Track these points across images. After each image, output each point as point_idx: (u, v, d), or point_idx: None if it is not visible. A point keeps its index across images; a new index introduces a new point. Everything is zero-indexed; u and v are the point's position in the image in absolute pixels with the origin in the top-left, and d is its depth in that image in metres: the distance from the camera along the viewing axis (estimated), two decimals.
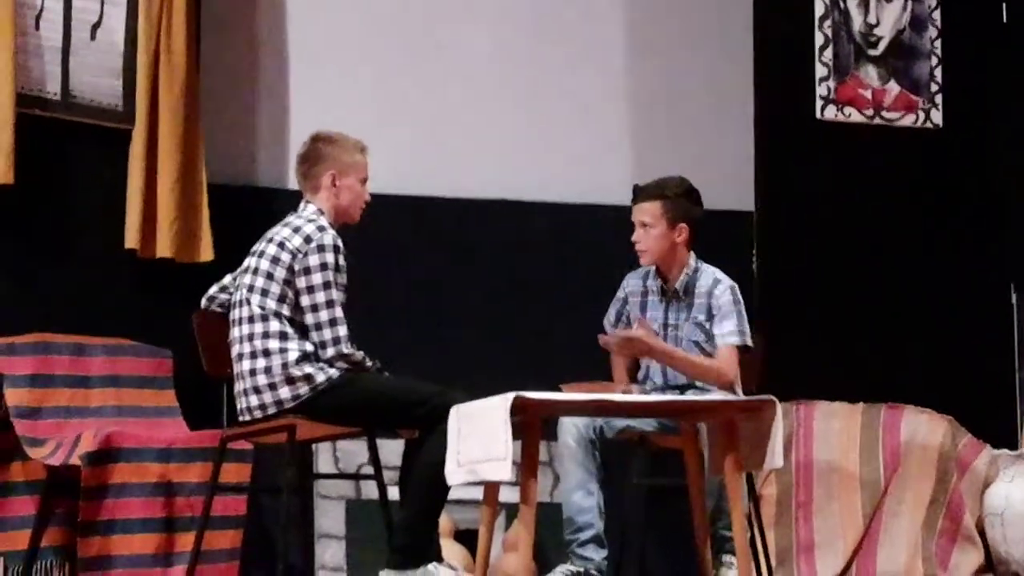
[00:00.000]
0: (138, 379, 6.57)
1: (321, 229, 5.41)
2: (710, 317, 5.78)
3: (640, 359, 5.90)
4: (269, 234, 5.50)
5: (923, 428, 6.91)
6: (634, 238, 5.85)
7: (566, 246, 7.21)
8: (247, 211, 6.92)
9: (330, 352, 5.34)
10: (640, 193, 5.87)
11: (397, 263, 7.15)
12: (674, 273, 5.86)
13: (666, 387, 5.81)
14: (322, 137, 5.63)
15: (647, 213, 5.82)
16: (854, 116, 7.50)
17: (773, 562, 6.25)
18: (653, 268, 5.90)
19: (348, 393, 5.33)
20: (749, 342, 5.79)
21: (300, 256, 5.37)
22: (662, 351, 5.71)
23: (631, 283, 5.94)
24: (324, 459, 6.95)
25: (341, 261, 5.39)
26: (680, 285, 5.85)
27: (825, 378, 7.05)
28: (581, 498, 5.69)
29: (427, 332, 7.13)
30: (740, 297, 5.82)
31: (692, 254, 5.87)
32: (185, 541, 6.02)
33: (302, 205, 5.58)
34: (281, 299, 5.37)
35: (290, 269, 5.37)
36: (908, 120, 7.55)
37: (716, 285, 5.80)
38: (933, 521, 6.81)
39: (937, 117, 7.56)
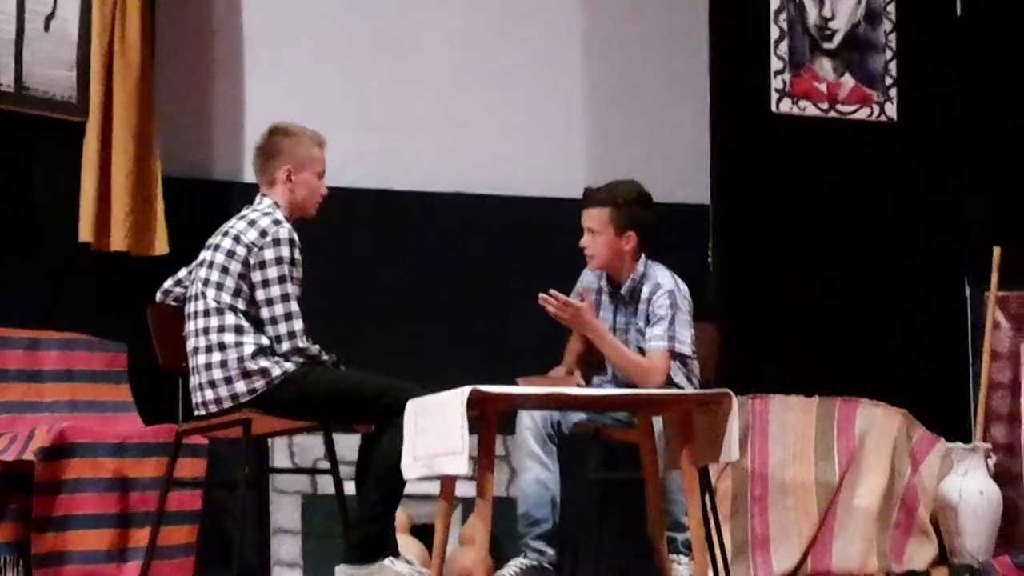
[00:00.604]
0: (92, 373, 6.54)
1: (276, 223, 5.39)
2: (648, 323, 5.76)
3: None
4: (224, 227, 5.48)
5: (878, 421, 6.94)
6: (582, 243, 5.81)
7: (524, 239, 7.21)
8: (202, 204, 6.90)
9: (286, 346, 5.32)
10: (589, 198, 5.82)
11: (353, 256, 7.13)
12: (622, 278, 5.84)
13: (616, 380, 5.80)
14: (279, 130, 5.60)
15: (595, 220, 5.78)
16: (809, 109, 7.52)
17: (729, 556, 6.26)
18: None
19: (304, 387, 5.31)
20: (680, 348, 5.73)
21: (255, 250, 5.34)
22: (595, 329, 5.68)
23: (586, 280, 5.92)
24: (280, 454, 6.92)
25: (296, 255, 5.37)
26: (627, 291, 5.83)
27: (781, 372, 7.07)
28: (537, 492, 5.69)
29: (383, 326, 7.12)
30: (682, 303, 5.76)
31: (642, 259, 5.83)
32: (140, 537, 5.99)
33: (258, 198, 5.55)
34: (236, 293, 5.35)
35: (245, 263, 5.35)
36: (863, 113, 7.57)
37: (656, 291, 5.76)
38: (887, 514, 6.85)
39: (892, 111, 7.59)
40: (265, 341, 5.33)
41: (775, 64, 7.46)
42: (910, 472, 6.89)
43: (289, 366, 5.32)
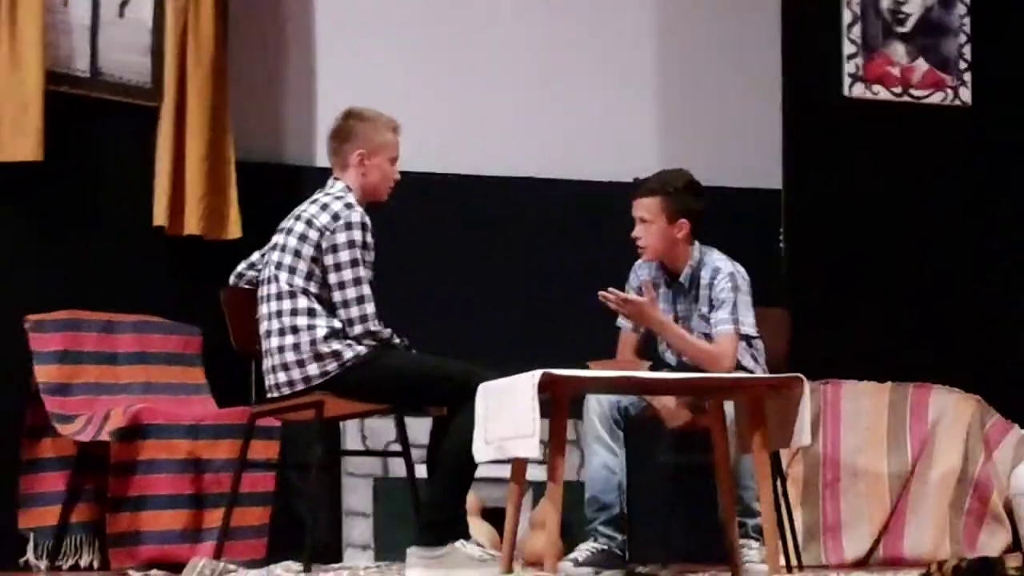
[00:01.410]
0: (167, 356, 6.60)
1: (349, 206, 5.41)
2: (712, 308, 5.75)
3: (660, 345, 5.89)
4: (297, 211, 5.51)
5: (951, 407, 6.90)
6: (634, 234, 5.79)
7: (594, 224, 7.21)
8: (274, 188, 6.94)
9: (358, 329, 5.34)
10: (639, 188, 5.79)
11: (425, 241, 7.16)
12: (679, 267, 5.82)
13: (680, 369, 5.79)
14: (354, 114, 5.61)
15: (646, 209, 5.77)
16: (882, 94, 7.47)
17: (800, 541, 6.24)
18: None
19: (376, 370, 5.34)
20: (745, 329, 5.71)
21: (328, 233, 5.37)
22: (659, 322, 5.68)
23: (642, 273, 5.90)
24: (352, 437, 6.96)
25: (368, 238, 5.39)
26: (685, 278, 5.81)
27: (853, 357, 7.03)
28: (604, 477, 5.70)
29: (454, 310, 7.14)
30: (741, 284, 5.74)
31: (696, 245, 5.81)
32: (213, 517, 6.04)
33: (330, 182, 5.57)
34: (308, 276, 5.38)
35: (317, 247, 5.37)
36: (936, 98, 7.52)
37: (716, 275, 5.75)
38: (960, 501, 6.80)
39: (966, 95, 7.53)
40: (337, 324, 5.35)
41: (848, 48, 7.42)
42: (983, 459, 6.85)
43: (361, 349, 5.34)
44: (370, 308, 5.36)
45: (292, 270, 5.39)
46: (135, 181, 6.76)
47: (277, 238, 5.51)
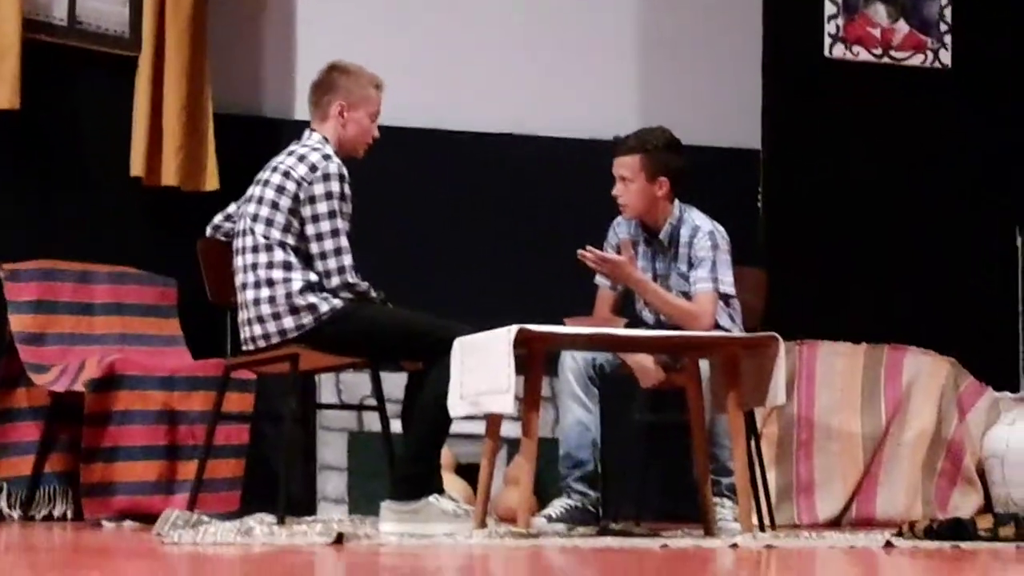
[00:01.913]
0: (142, 307, 6.59)
1: (327, 158, 5.39)
2: (691, 267, 5.74)
3: (637, 303, 5.89)
4: (273, 162, 5.49)
5: (925, 369, 6.92)
6: (615, 192, 5.77)
7: (573, 181, 7.20)
8: (252, 141, 6.92)
9: (335, 281, 5.33)
10: (619, 146, 5.78)
11: (404, 196, 7.14)
12: (658, 225, 5.81)
13: (658, 327, 5.78)
14: (338, 67, 5.60)
15: (626, 167, 5.76)
16: (862, 55, 7.47)
17: (773, 500, 6.26)
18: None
19: (352, 324, 5.33)
20: (724, 288, 5.70)
21: (305, 185, 5.35)
22: (638, 281, 5.67)
23: (621, 231, 5.90)
24: (327, 390, 6.96)
25: (346, 190, 5.38)
26: (665, 236, 5.80)
27: (829, 318, 7.05)
28: (578, 434, 5.70)
29: (431, 264, 7.14)
30: (721, 243, 5.73)
31: (676, 203, 5.80)
32: (187, 469, 6.04)
33: (307, 133, 5.55)
34: (286, 228, 5.36)
35: (295, 198, 5.35)
36: (917, 60, 7.52)
37: (696, 233, 5.74)
38: (933, 462, 6.84)
39: (946, 57, 7.53)
40: (313, 277, 5.34)
41: (828, 9, 7.41)
42: (957, 421, 6.87)
43: (337, 303, 5.33)
44: (347, 260, 5.34)
45: (269, 222, 5.37)
46: (112, 131, 6.73)
47: (253, 190, 5.49)
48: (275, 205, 5.37)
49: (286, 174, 5.39)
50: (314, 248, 5.34)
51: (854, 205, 7.35)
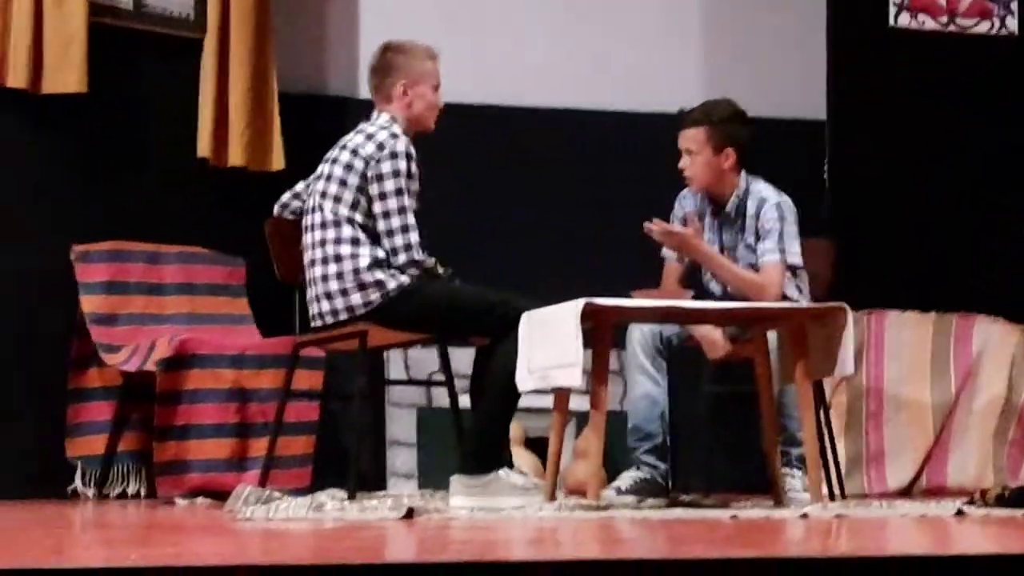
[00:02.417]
0: (212, 287, 6.64)
1: (394, 136, 5.42)
2: (758, 238, 5.73)
3: (704, 275, 5.89)
4: (342, 141, 5.52)
5: (995, 337, 6.88)
6: (681, 165, 5.77)
7: (639, 155, 7.19)
8: (318, 120, 6.95)
9: (402, 258, 5.36)
10: (685, 119, 5.78)
11: (467, 172, 7.15)
12: (725, 197, 5.80)
13: (725, 299, 5.78)
14: (392, 47, 5.62)
15: (692, 140, 5.76)
16: (928, 23, 7.42)
17: (843, 471, 6.25)
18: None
19: (419, 300, 5.35)
20: (791, 259, 5.70)
21: (373, 163, 5.38)
22: (704, 253, 5.67)
23: (687, 204, 5.89)
24: (395, 366, 6.99)
25: (413, 168, 5.40)
26: (731, 208, 5.79)
27: (897, 287, 7.02)
28: (646, 406, 5.71)
29: (498, 240, 7.15)
30: (787, 214, 5.71)
31: (743, 175, 5.79)
32: (259, 446, 6.09)
33: (375, 114, 5.58)
34: (354, 206, 5.39)
35: (363, 176, 5.38)
36: (983, 27, 7.46)
37: (762, 205, 5.73)
38: (1004, 430, 6.80)
39: (1012, 24, 7.47)
40: (381, 254, 5.37)
41: None
42: None
43: (404, 279, 5.36)
44: (414, 237, 5.37)
45: (337, 199, 5.40)
46: (179, 113, 6.78)
47: (322, 168, 5.53)
48: (343, 183, 5.40)
49: (354, 152, 5.42)
50: (381, 226, 5.37)
51: (920, 175, 7.31)
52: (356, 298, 5.36)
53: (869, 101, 7.33)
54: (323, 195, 5.43)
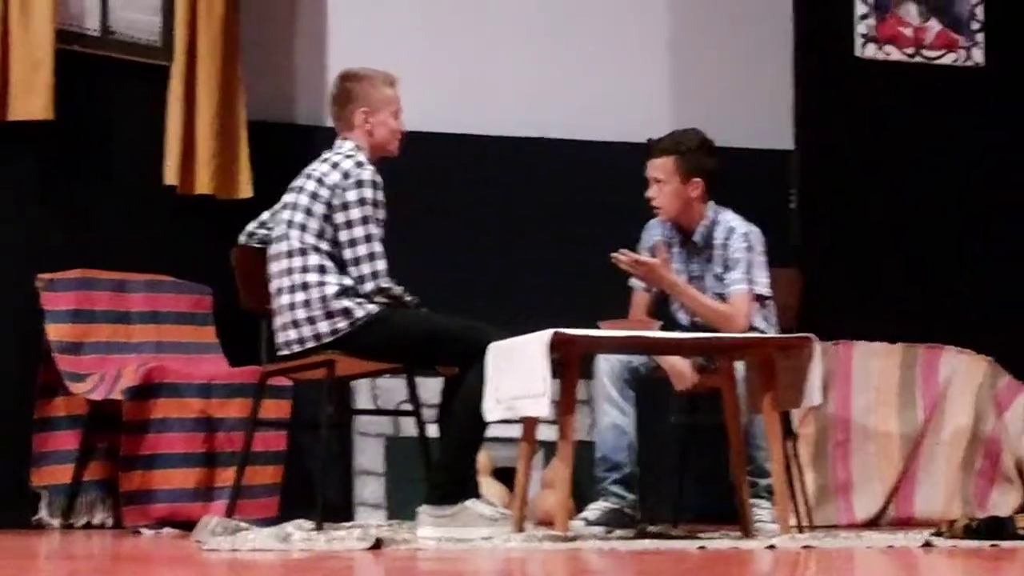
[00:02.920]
0: (178, 315, 6.61)
1: (359, 165, 5.41)
2: (726, 268, 5.75)
3: (671, 305, 5.89)
4: (307, 170, 5.51)
5: (961, 368, 6.90)
6: (649, 194, 5.79)
7: (606, 185, 7.20)
8: (285, 148, 6.93)
9: (369, 286, 5.34)
10: (654, 148, 5.80)
11: (437, 201, 7.15)
12: (693, 226, 5.82)
13: (693, 329, 5.78)
14: (350, 75, 5.62)
15: (660, 169, 5.77)
16: (894, 54, 7.46)
17: (811, 501, 6.25)
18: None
19: (387, 329, 5.34)
20: (759, 290, 5.71)
21: (338, 191, 5.37)
22: (672, 283, 5.68)
23: (655, 233, 5.90)
24: (363, 396, 6.97)
25: (379, 196, 5.40)
26: (699, 238, 5.81)
27: (864, 318, 7.03)
28: (614, 437, 5.70)
29: (465, 270, 7.14)
30: (756, 244, 5.74)
31: (711, 204, 5.81)
32: (225, 476, 6.06)
33: (338, 142, 5.56)
34: (320, 234, 5.38)
35: (328, 204, 5.38)
36: (949, 59, 7.50)
37: (730, 235, 5.75)
38: (971, 460, 6.81)
39: (978, 55, 7.51)
40: (348, 282, 5.36)
41: (860, 8, 7.40)
42: (994, 419, 6.85)
43: (372, 307, 5.35)
44: (381, 265, 5.36)
45: (303, 228, 5.39)
46: (146, 140, 6.76)
47: (288, 197, 5.51)
48: (309, 211, 5.39)
49: (320, 181, 5.42)
50: (347, 254, 5.36)
51: (887, 205, 7.33)
52: (323, 326, 5.35)
53: (836, 131, 7.36)
54: (289, 224, 5.42)
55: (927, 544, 4.74)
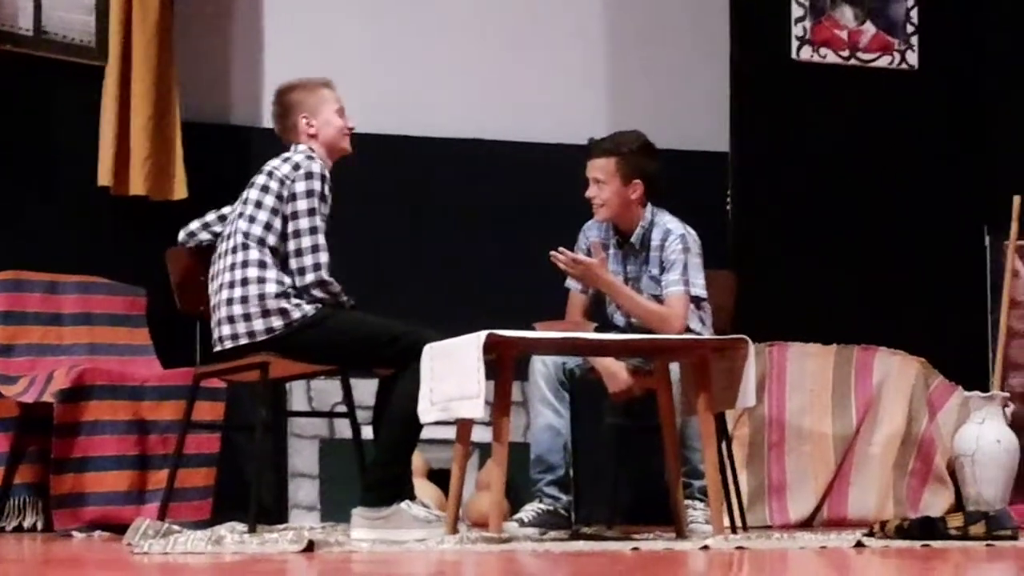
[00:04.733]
0: (111, 317, 6.57)
1: (310, 159, 5.41)
2: (663, 270, 5.76)
3: (608, 306, 5.89)
4: (263, 167, 5.49)
5: (895, 370, 6.94)
6: (588, 194, 5.79)
7: (542, 185, 7.20)
8: (221, 149, 6.91)
9: (309, 278, 5.32)
10: (595, 148, 5.80)
11: (373, 202, 7.13)
12: (630, 228, 5.82)
13: (629, 331, 5.79)
14: (284, 88, 5.63)
15: (600, 170, 5.78)
16: (830, 57, 7.49)
17: (745, 502, 6.27)
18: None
19: (322, 331, 5.32)
20: (695, 291, 5.73)
21: (288, 183, 5.36)
22: (609, 283, 5.69)
23: (592, 234, 5.91)
24: (298, 397, 6.95)
25: (326, 191, 5.39)
26: (636, 239, 5.82)
27: (799, 319, 7.06)
28: (549, 438, 5.70)
29: (400, 270, 7.13)
30: (692, 246, 5.76)
31: (649, 207, 5.82)
32: (158, 479, 6.02)
33: (292, 147, 5.54)
34: (267, 227, 5.35)
35: (278, 196, 5.36)
36: (884, 61, 7.55)
37: (667, 236, 5.76)
38: (904, 461, 6.86)
39: (913, 59, 7.56)
40: (288, 281, 5.34)
41: (795, 11, 7.44)
42: (927, 420, 6.90)
43: (308, 309, 5.33)
44: (324, 258, 5.35)
45: (252, 219, 5.38)
46: (80, 141, 6.71)
47: (243, 193, 5.49)
48: (259, 204, 5.39)
49: (270, 174, 5.42)
50: (291, 245, 5.35)
51: (822, 207, 7.37)
52: (258, 324, 5.32)
53: (771, 133, 7.39)
54: (240, 215, 5.41)
55: (859, 544, 4.77)
